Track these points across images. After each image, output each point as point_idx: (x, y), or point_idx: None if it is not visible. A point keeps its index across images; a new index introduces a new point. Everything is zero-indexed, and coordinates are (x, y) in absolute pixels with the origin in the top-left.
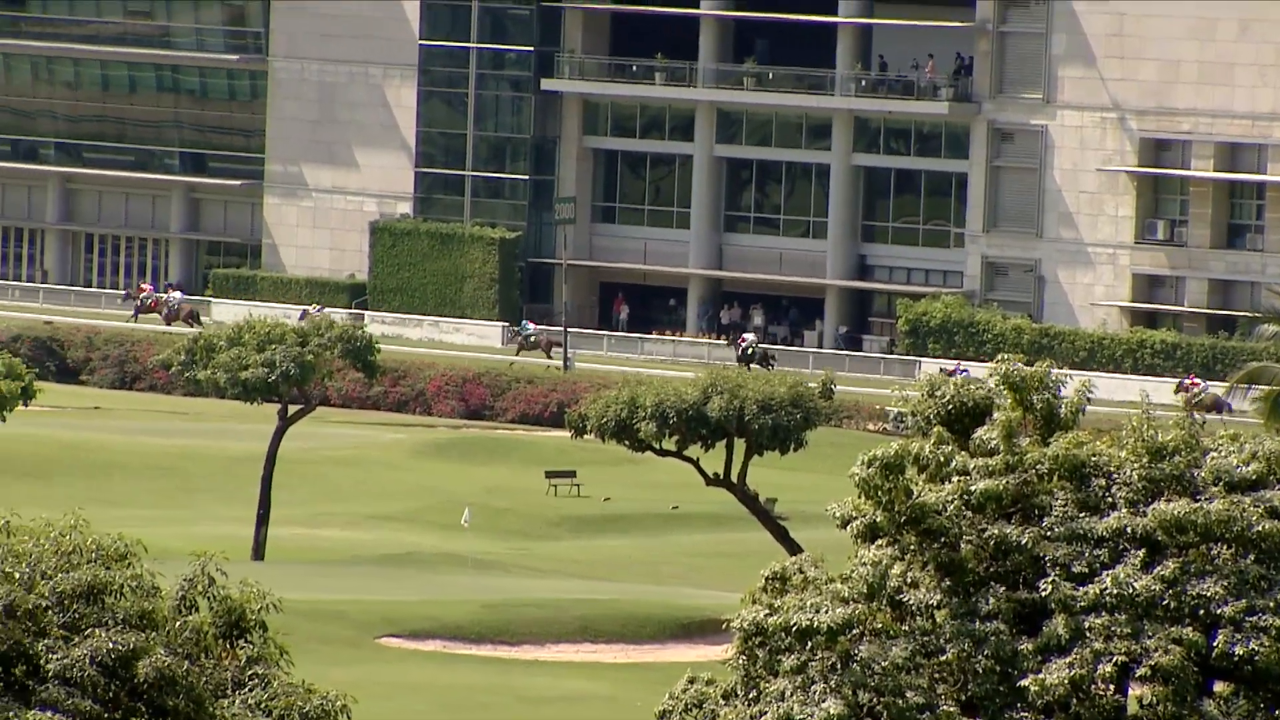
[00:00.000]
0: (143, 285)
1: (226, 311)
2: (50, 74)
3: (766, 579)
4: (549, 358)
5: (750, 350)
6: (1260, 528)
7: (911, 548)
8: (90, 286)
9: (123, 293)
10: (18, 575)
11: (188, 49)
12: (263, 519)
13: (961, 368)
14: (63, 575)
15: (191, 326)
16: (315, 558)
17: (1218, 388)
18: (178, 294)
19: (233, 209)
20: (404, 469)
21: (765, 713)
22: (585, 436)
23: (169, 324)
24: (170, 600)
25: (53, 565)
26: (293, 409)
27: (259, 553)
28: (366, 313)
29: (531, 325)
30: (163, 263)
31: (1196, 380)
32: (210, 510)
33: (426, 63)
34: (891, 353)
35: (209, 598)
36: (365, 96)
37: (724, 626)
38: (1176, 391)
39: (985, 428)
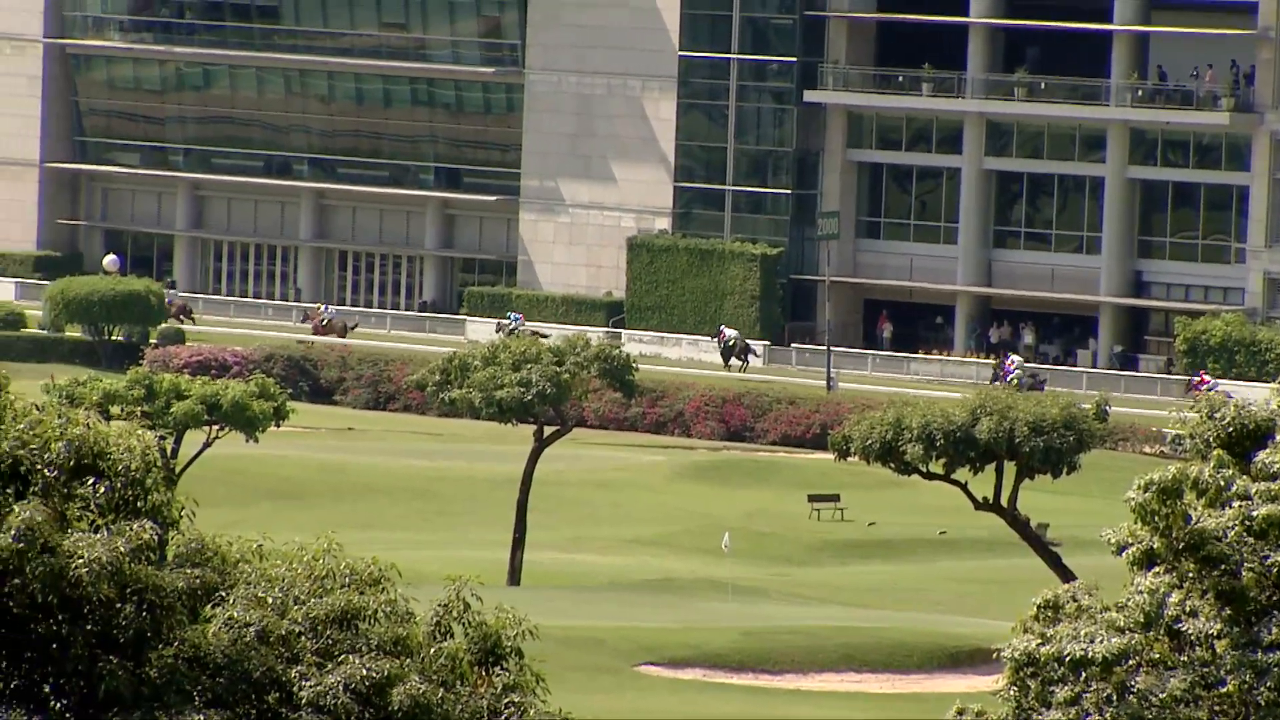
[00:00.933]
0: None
1: (481, 330)
2: (304, 88)
3: (1038, 607)
4: (341, 336)
5: (732, 344)
6: None
7: (1190, 575)
8: (344, 305)
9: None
10: (270, 600)
11: (443, 62)
12: (518, 543)
13: (1209, 381)
14: (316, 600)
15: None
16: (572, 583)
17: None
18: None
19: (488, 225)
20: (662, 492)
21: None
22: (849, 459)
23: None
24: (425, 626)
25: (306, 590)
26: (549, 430)
27: (515, 578)
28: (624, 331)
29: (519, 316)
30: (416, 280)
31: (1206, 378)
32: (465, 534)
33: (686, 74)
34: (1169, 373)
35: (464, 624)
36: (623, 109)
37: (994, 656)
38: (1187, 391)
39: (1267, 450)
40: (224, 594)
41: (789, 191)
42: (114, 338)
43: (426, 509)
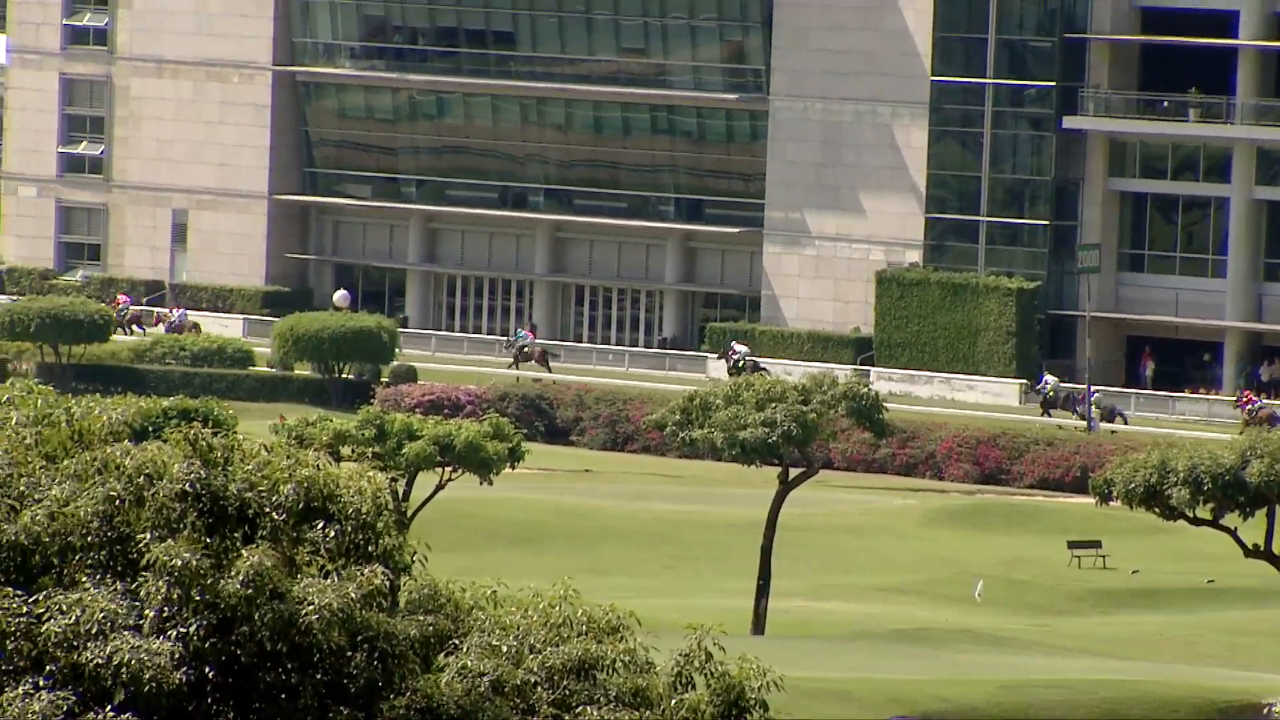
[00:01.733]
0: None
1: (723, 368)
2: (540, 116)
3: None
4: (547, 370)
5: (740, 362)
6: None
7: None
8: (581, 341)
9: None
10: (505, 649)
11: (685, 88)
12: (763, 590)
13: (1256, 400)
14: (552, 649)
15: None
16: (819, 632)
17: None
18: (528, 335)
19: (730, 258)
20: (913, 537)
21: None
22: (1111, 503)
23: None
24: (665, 677)
25: (542, 638)
26: (794, 472)
27: (759, 626)
28: (872, 369)
29: (526, 334)
30: (656, 315)
31: (1253, 396)
32: (707, 580)
33: (938, 100)
34: None
35: (706, 674)
36: (872, 137)
37: (1264, 711)
38: (1235, 407)
39: None
40: (457, 642)
41: (1046, 222)
42: (344, 376)
43: (666, 554)
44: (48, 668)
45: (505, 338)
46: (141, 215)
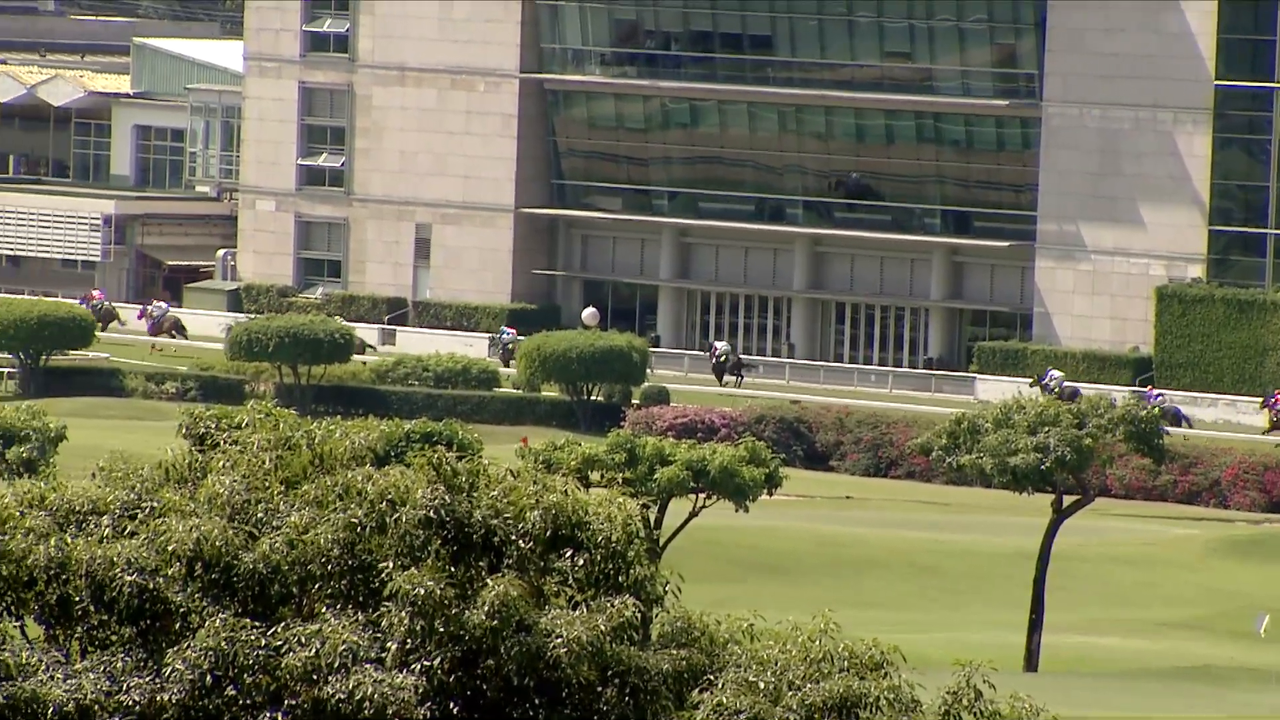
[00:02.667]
0: None
1: (992, 389)
2: (799, 125)
3: None
4: (182, 338)
5: (724, 359)
6: None
7: None
8: (841, 361)
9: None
10: (763, 685)
11: (952, 94)
12: (1035, 625)
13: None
14: (811, 686)
15: (174, 338)
16: (1095, 669)
17: None
18: (163, 305)
19: (999, 273)
20: (1196, 569)
21: None
22: None
23: (155, 335)
24: (932, 715)
25: (800, 675)
26: (1068, 500)
27: (1031, 663)
28: (1153, 390)
29: (511, 331)
30: (920, 334)
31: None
32: (976, 614)
33: (1222, 106)
34: None
35: (975, 713)
36: (1152, 145)
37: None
38: (1262, 408)
39: None
40: (712, 678)
41: None
42: (593, 398)
43: (932, 586)
44: (287, 702)
45: (491, 335)
46: (383, 230)
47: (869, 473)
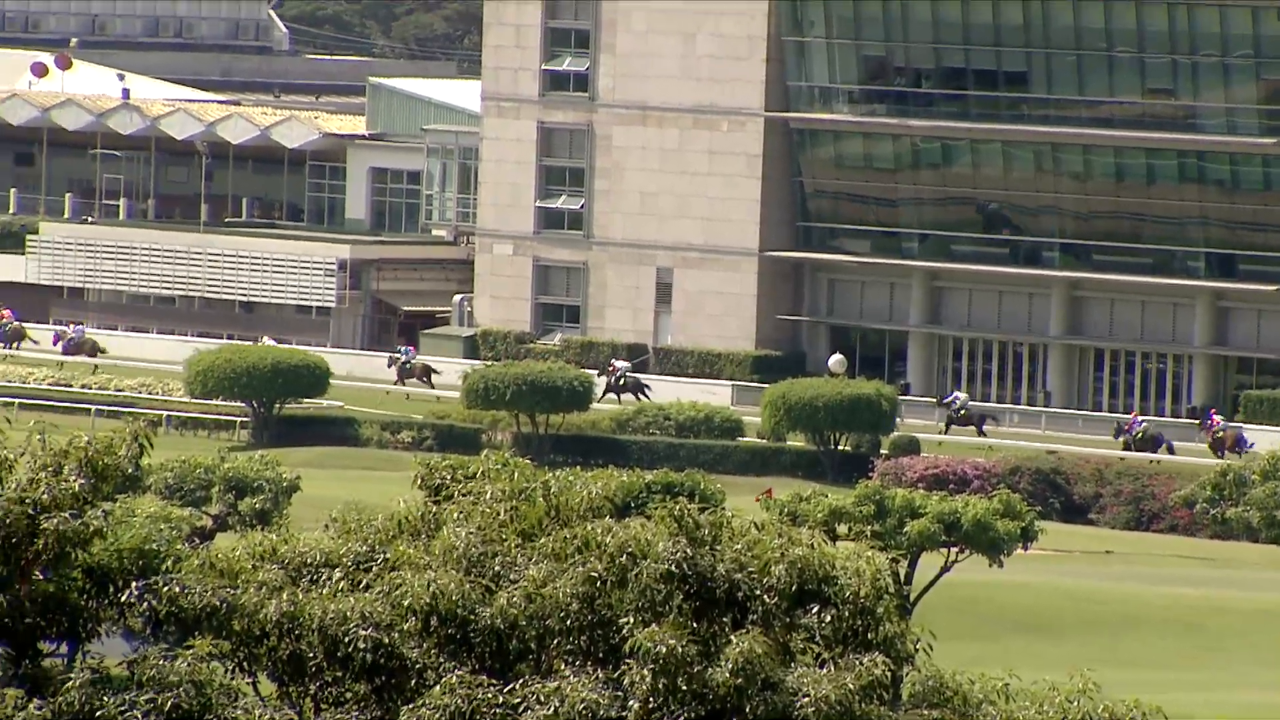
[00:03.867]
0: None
1: (1265, 439)
2: (1056, 164)
3: None
4: (428, 385)
5: (622, 380)
6: None
7: None
8: (1099, 410)
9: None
10: None
11: (1216, 132)
12: None
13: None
14: None
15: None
16: None
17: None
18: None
19: (1267, 319)
20: None
21: None
22: None
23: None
24: None
25: None
26: None
27: None
28: None
29: (410, 349)
30: (1184, 382)
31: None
32: (1243, 673)
33: None
34: None
35: None
36: None
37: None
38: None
39: None
40: None
41: None
42: (840, 448)
43: (1196, 644)
44: None
45: (390, 353)
46: (623, 274)
47: (1129, 526)
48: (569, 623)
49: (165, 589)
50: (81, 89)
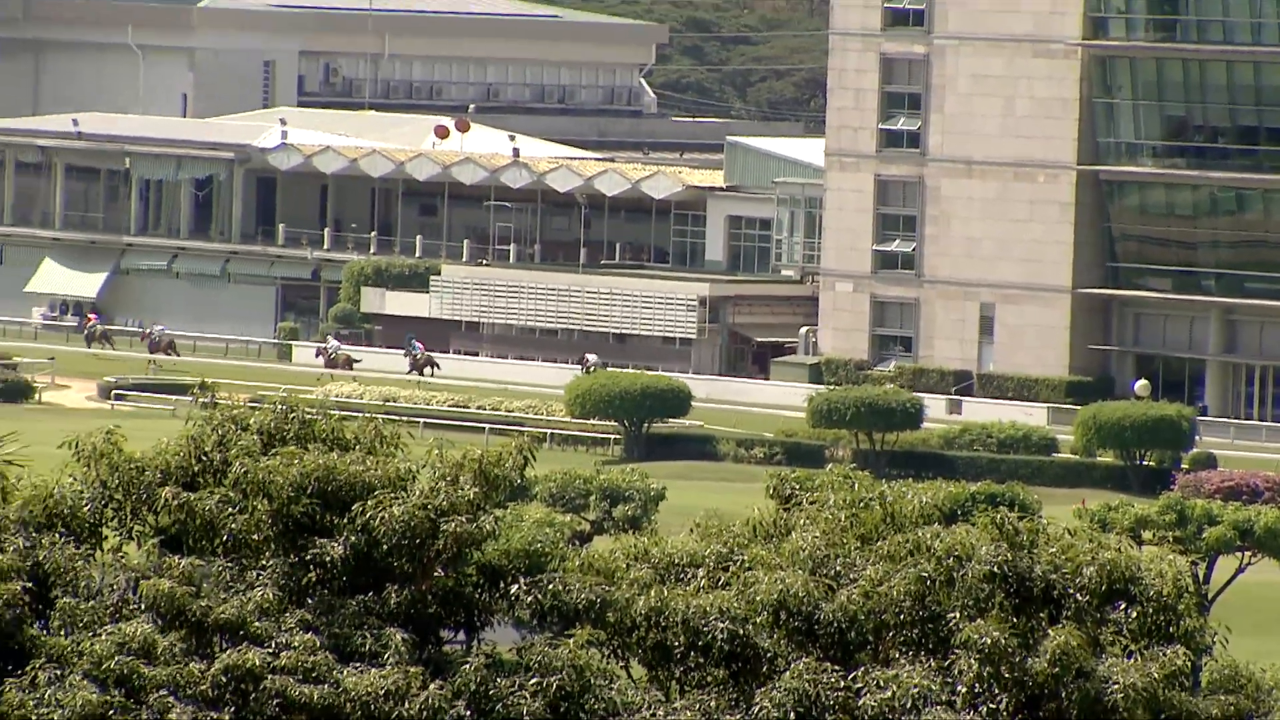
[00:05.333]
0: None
1: None
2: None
3: None
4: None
5: (591, 369)
6: None
7: None
8: None
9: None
10: None
11: None
12: None
13: None
14: None
15: (170, 355)
16: None
17: None
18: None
19: None
20: None
21: None
22: None
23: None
24: None
25: None
26: None
27: None
28: None
29: (419, 345)
30: None
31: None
32: None
33: None
34: None
35: None
36: None
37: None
38: None
39: None
40: None
41: None
42: (1145, 463)
43: None
44: None
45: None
46: (950, 309)
47: None
48: (902, 617)
49: (549, 585)
50: (477, 149)
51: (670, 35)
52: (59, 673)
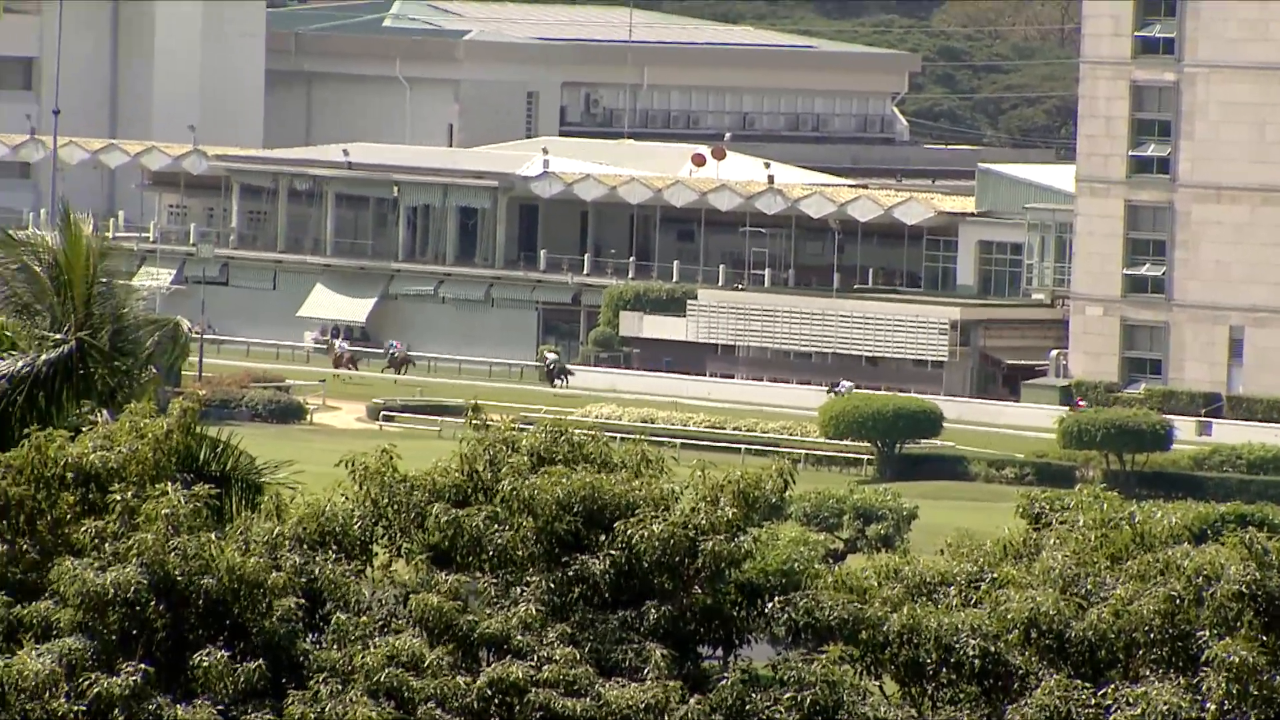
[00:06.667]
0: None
1: None
2: None
3: None
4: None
5: (551, 366)
6: None
7: None
8: None
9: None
10: None
11: None
12: None
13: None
14: None
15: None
16: None
17: None
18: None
19: None
20: None
21: None
22: None
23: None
24: None
25: None
26: None
27: None
28: None
29: (396, 345)
30: None
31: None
32: None
33: None
34: None
35: None
36: None
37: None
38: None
39: None
40: None
41: None
42: None
43: None
44: None
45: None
46: (1199, 332)
47: None
48: (1151, 635)
49: (803, 603)
50: (733, 176)
51: (923, 64)
52: (339, 686)
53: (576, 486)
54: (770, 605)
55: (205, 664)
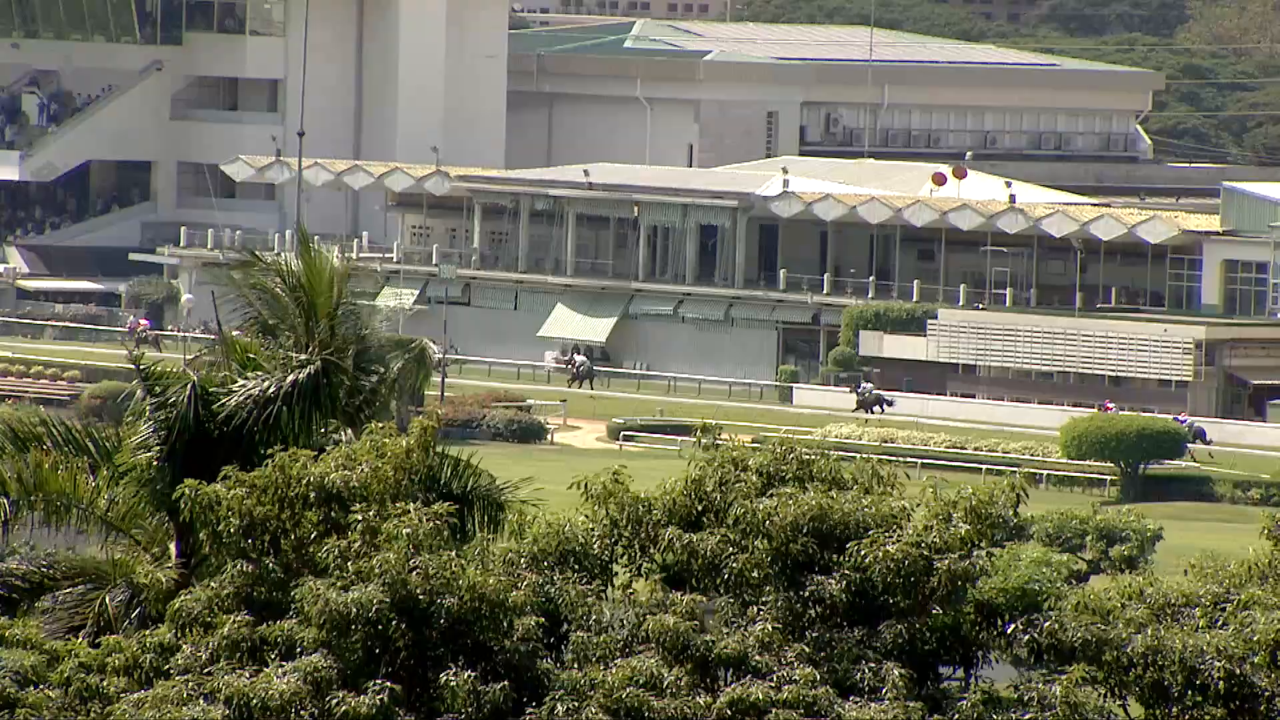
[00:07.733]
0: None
1: None
2: None
3: None
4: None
5: (581, 368)
6: None
7: None
8: None
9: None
10: None
11: None
12: None
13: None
14: None
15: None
16: None
17: None
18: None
19: None
20: None
21: None
22: None
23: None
24: None
25: None
26: None
27: None
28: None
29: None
30: None
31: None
32: None
33: None
34: None
35: None
36: None
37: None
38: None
39: None
40: None
41: None
42: None
43: None
44: None
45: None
46: None
47: None
48: None
49: (1045, 624)
50: (973, 195)
51: (1167, 82)
52: (575, 704)
53: (806, 507)
54: (1011, 626)
55: (452, 684)
